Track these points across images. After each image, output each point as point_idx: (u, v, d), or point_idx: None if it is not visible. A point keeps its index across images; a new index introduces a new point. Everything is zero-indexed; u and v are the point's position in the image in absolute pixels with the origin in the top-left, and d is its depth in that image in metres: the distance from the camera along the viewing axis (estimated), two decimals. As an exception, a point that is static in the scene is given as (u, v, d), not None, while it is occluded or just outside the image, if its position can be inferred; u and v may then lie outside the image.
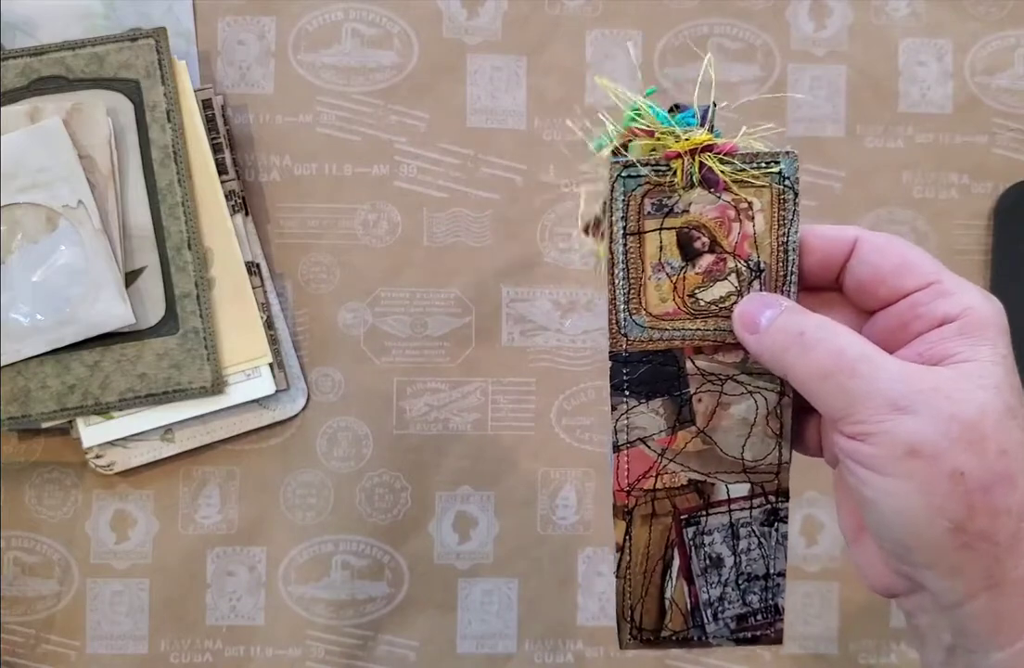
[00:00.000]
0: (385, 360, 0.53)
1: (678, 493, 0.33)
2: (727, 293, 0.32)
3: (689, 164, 0.30)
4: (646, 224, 0.31)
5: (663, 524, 0.33)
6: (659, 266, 0.31)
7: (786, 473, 0.33)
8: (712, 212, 0.31)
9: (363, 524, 0.52)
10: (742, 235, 0.31)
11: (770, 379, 0.32)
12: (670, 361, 0.32)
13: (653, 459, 0.33)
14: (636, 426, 0.32)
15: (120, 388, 0.50)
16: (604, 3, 0.54)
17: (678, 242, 0.31)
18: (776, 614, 0.34)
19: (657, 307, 0.32)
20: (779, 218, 0.31)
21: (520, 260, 0.53)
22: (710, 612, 0.34)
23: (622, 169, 0.31)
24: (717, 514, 0.33)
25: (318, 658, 0.52)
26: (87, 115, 0.50)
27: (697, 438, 0.33)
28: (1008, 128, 0.54)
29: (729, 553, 0.33)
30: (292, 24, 0.54)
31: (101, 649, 0.52)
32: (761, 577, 0.34)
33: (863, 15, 0.55)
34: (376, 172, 0.54)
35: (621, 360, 0.32)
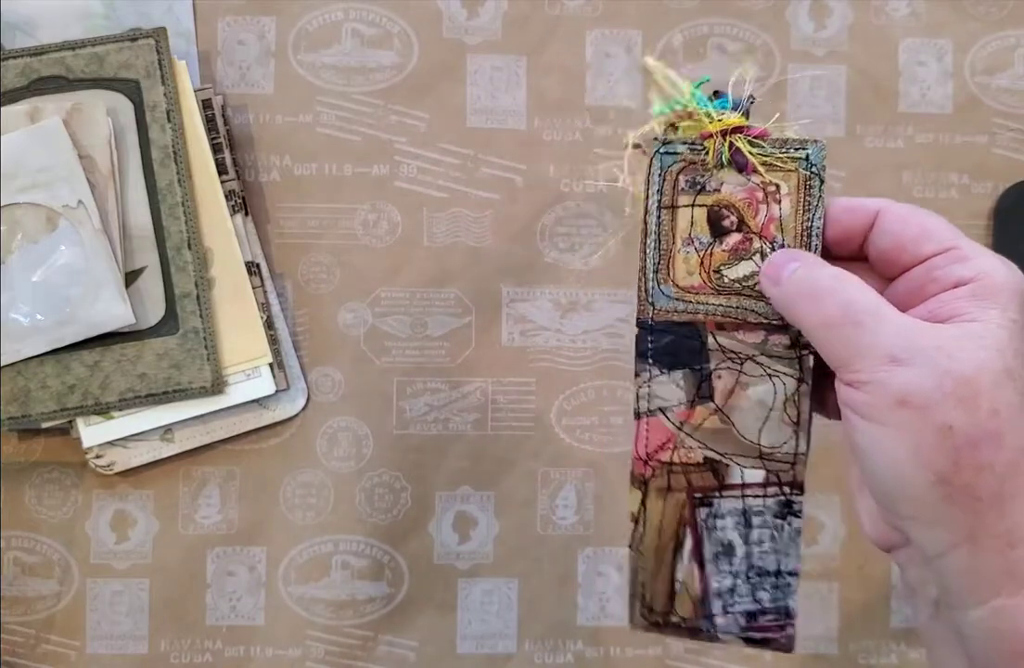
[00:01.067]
0: (385, 360, 0.53)
1: (693, 470, 0.34)
2: (751, 272, 0.33)
3: (720, 144, 0.32)
4: (679, 199, 0.33)
5: (677, 500, 0.34)
6: (688, 240, 0.33)
7: (803, 466, 0.34)
8: (741, 193, 0.33)
9: (363, 524, 0.52)
10: (768, 217, 0.33)
11: (789, 364, 0.33)
12: (693, 334, 0.33)
13: (671, 431, 0.34)
14: (657, 395, 0.34)
15: (120, 388, 0.50)
16: (604, 3, 0.54)
17: (708, 219, 0.33)
18: (787, 617, 0.34)
19: (684, 279, 0.33)
20: (804, 203, 0.33)
21: (520, 260, 0.53)
22: (720, 604, 0.34)
23: (661, 145, 0.33)
24: (730, 497, 0.34)
25: (318, 658, 0.52)
26: (87, 115, 0.50)
27: (715, 416, 0.33)
28: (1008, 128, 0.54)
29: (740, 542, 0.34)
30: (292, 24, 0.54)
31: (101, 649, 0.52)
32: (772, 573, 0.34)
33: (863, 15, 0.55)
34: (376, 172, 0.54)
35: (647, 328, 0.33)
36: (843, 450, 0.54)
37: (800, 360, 0.33)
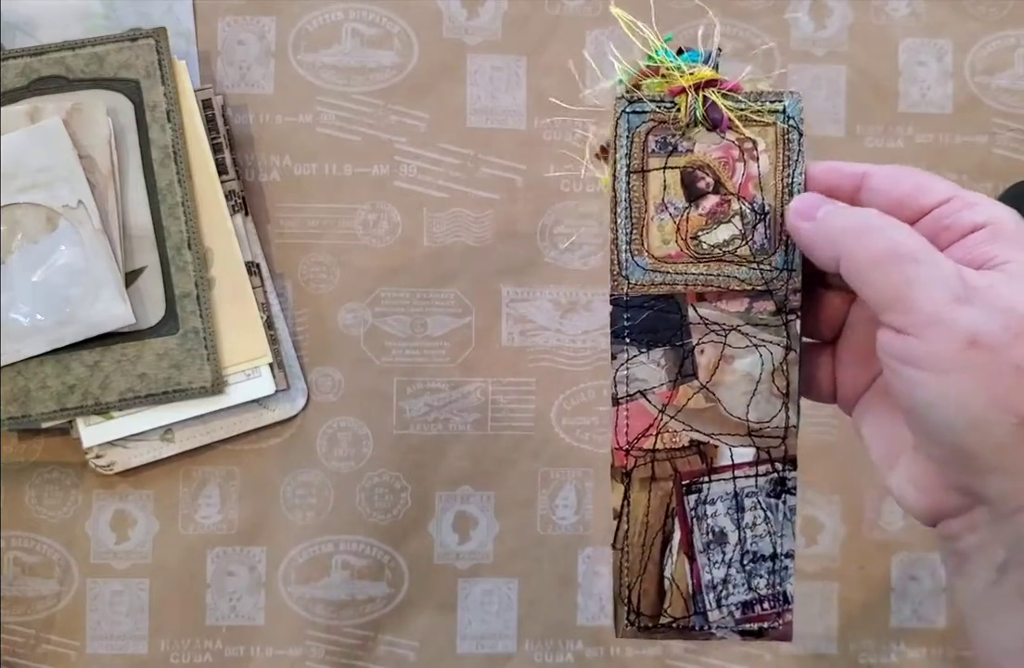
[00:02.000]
0: (385, 360, 0.53)
1: (679, 455, 0.32)
2: (731, 236, 0.31)
3: (693, 99, 0.30)
4: (650, 162, 0.31)
5: (663, 489, 0.32)
6: (662, 206, 0.31)
7: (794, 439, 0.32)
8: (716, 152, 0.31)
9: (363, 524, 0.52)
10: (746, 176, 0.31)
11: (776, 332, 0.31)
12: (672, 308, 0.31)
13: (654, 415, 0.32)
14: (636, 378, 0.31)
15: (120, 388, 0.50)
16: (604, 3, 0.54)
17: (682, 182, 0.31)
18: (785, 602, 0.32)
19: (659, 249, 0.31)
20: (784, 158, 0.31)
21: (520, 260, 0.53)
22: (713, 596, 0.32)
23: (627, 104, 0.31)
24: (720, 481, 0.32)
25: (318, 658, 0.52)
26: (87, 115, 0.50)
27: (700, 394, 0.31)
28: (1008, 128, 0.54)
29: (733, 528, 0.32)
30: (292, 24, 0.54)
31: (101, 649, 0.52)
32: (768, 557, 0.32)
33: (863, 15, 0.55)
34: (376, 172, 0.54)
35: (622, 304, 0.31)
36: (842, 450, 0.54)
37: (787, 326, 0.31)
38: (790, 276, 0.31)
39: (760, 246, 0.31)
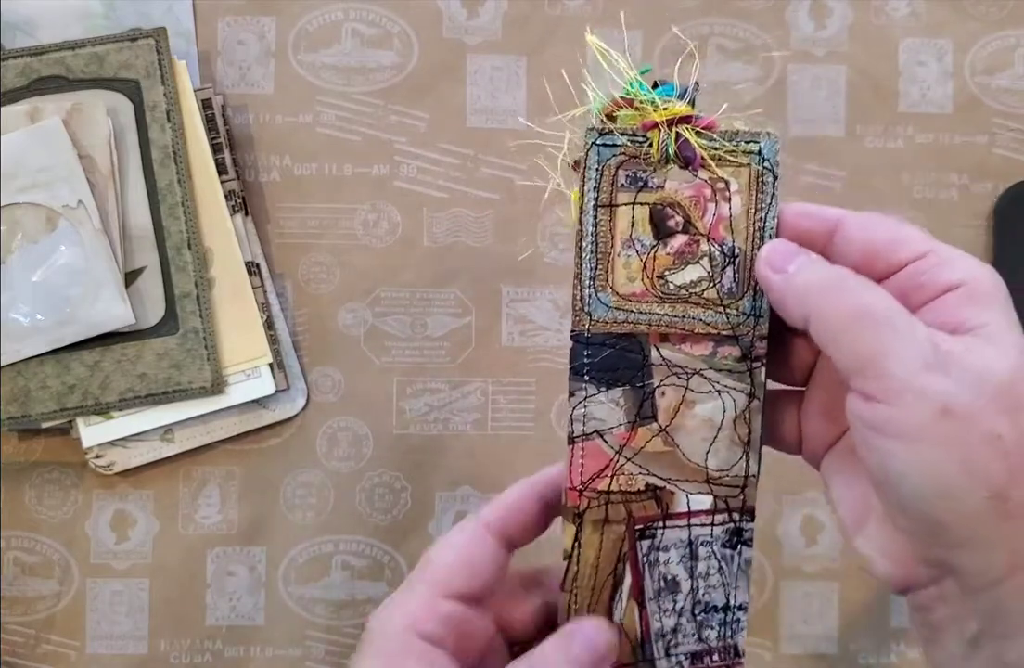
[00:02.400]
0: (385, 360, 0.53)
1: (634, 498, 0.31)
2: (698, 278, 0.30)
3: (666, 135, 0.29)
4: (619, 197, 0.30)
5: (616, 533, 0.31)
6: (629, 242, 0.30)
7: (753, 490, 0.31)
8: (688, 190, 0.30)
9: (363, 524, 0.52)
10: (717, 216, 0.30)
11: (740, 378, 0.30)
12: (634, 347, 0.30)
13: (610, 456, 0.31)
14: (594, 417, 0.31)
15: (120, 388, 0.50)
16: (604, 3, 0.54)
17: (651, 219, 0.30)
18: (735, 656, 0.32)
19: (624, 286, 0.30)
20: (757, 201, 0.30)
21: (520, 260, 0.53)
22: (661, 645, 0.31)
23: (598, 136, 0.30)
24: (675, 528, 0.31)
25: (318, 658, 0.52)
26: (87, 115, 0.50)
27: (658, 438, 0.31)
28: (1008, 128, 0.54)
29: (686, 576, 0.31)
30: (292, 24, 0.54)
31: (101, 649, 0.52)
32: (720, 609, 0.31)
33: (863, 15, 0.55)
34: (376, 172, 0.54)
35: (583, 341, 0.30)
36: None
37: (751, 373, 0.30)
38: (757, 322, 0.30)
39: (728, 290, 0.30)
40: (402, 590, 0.31)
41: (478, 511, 0.32)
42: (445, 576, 0.30)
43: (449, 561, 0.30)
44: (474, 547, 0.31)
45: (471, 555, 0.30)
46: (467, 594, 0.30)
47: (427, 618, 0.29)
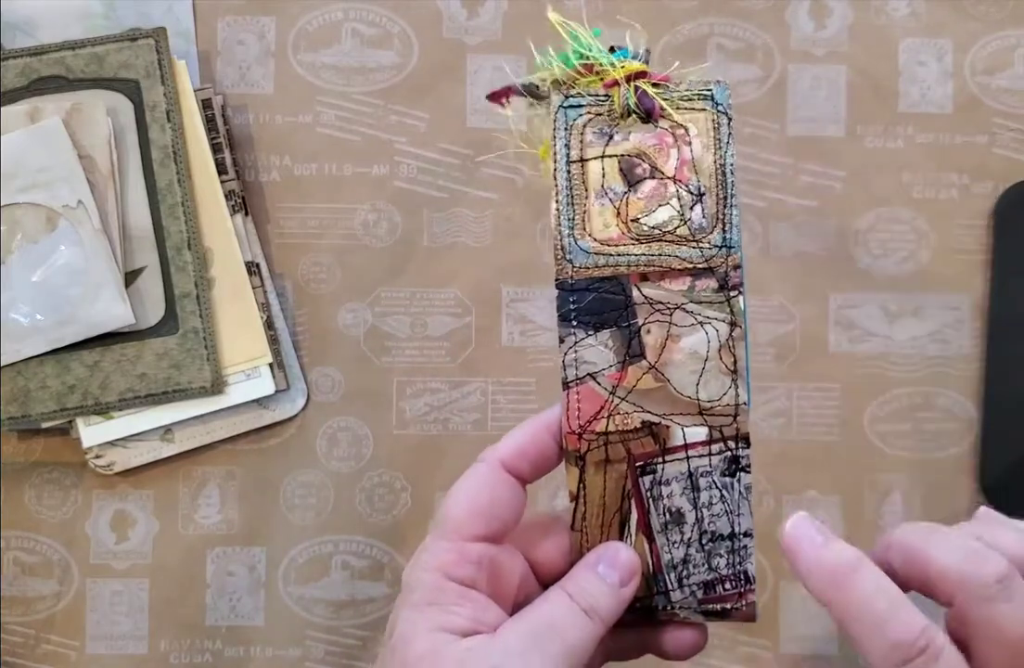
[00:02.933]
0: (385, 360, 0.53)
1: (632, 437, 0.32)
2: (669, 217, 0.32)
3: (625, 90, 0.32)
4: (588, 152, 0.32)
5: (618, 472, 0.32)
6: (602, 192, 0.32)
7: (745, 416, 0.32)
8: (651, 139, 0.32)
9: (363, 524, 0.52)
10: (681, 160, 0.32)
11: (719, 308, 0.32)
12: (617, 289, 0.32)
13: (604, 397, 0.32)
14: (585, 360, 0.32)
15: (120, 388, 0.50)
16: (604, 3, 0.54)
17: (619, 169, 0.32)
18: (746, 583, 0.32)
19: (601, 232, 0.32)
20: (715, 142, 0.32)
21: (520, 260, 0.53)
22: (673, 576, 0.32)
23: (564, 99, 0.32)
24: (674, 461, 0.32)
25: (318, 658, 0.52)
26: (87, 115, 0.50)
27: (648, 374, 0.32)
28: (1008, 128, 0.54)
29: (690, 507, 0.32)
30: (292, 24, 0.54)
31: (101, 649, 0.52)
32: (726, 536, 0.32)
33: (863, 15, 0.55)
34: (376, 172, 0.54)
35: (568, 288, 0.32)
36: (842, 450, 0.54)
37: (730, 302, 0.32)
38: (729, 253, 0.32)
39: (698, 225, 0.32)
40: (428, 540, 0.31)
41: (485, 453, 0.32)
42: (466, 521, 0.31)
43: (467, 507, 0.31)
44: (489, 489, 0.31)
45: (488, 497, 0.31)
46: (490, 535, 0.31)
47: (456, 562, 0.30)
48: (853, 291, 0.54)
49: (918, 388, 0.53)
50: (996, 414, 0.52)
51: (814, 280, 0.53)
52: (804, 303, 0.53)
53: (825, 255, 0.54)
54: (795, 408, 0.53)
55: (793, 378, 0.53)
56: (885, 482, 0.53)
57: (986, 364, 0.53)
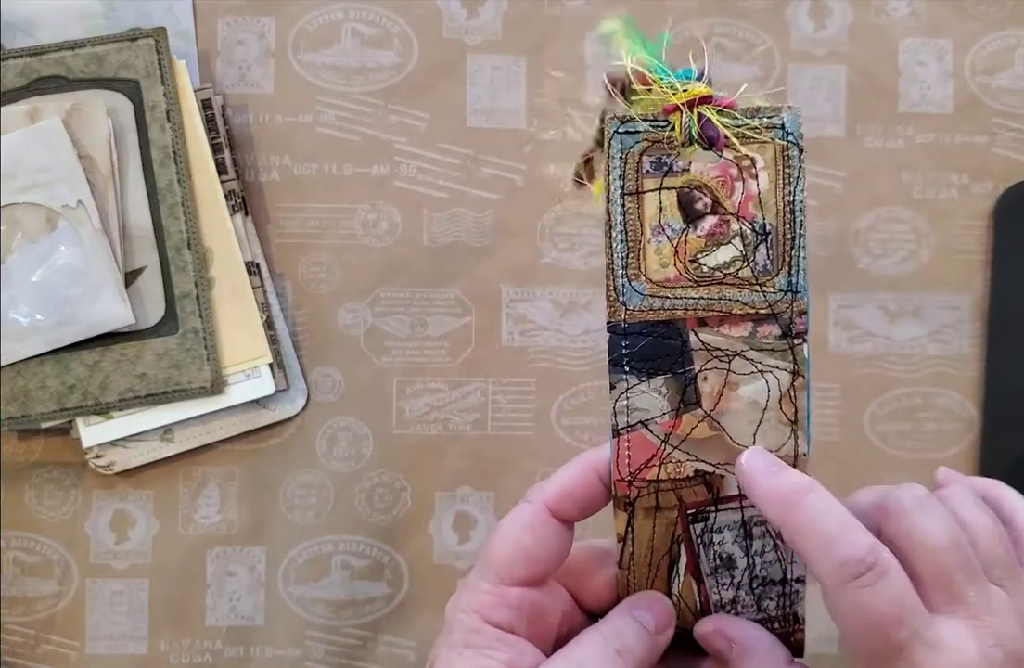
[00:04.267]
0: (385, 360, 0.53)
1: (684, 485, 0.31)
2: (731, 258, 0.30)
3: (688, 117, 0.29)
4: (645, 183, 0.30)
5: (668, 518, 0.31)
6: (659, 228, 0.30)
7: (803, 466, 0.31)
8: (713, 171, 0.30)
9: (363, 524, 0.52)
10: (746, 195, 0.30)
11: (782, 357, 0.30)
12: (672, 334, 0.30)
13: (656, 446, 0.30)
14: (637, 407, 0.30)
15: (120, 388, 0.50)
16: (604, 3, 0.54)
17: (679, 203, 0.30)
18: (796, 623, 0.32)
19: (657, 273, 0.30)
20: (784, 176, 0.30)
21: (520, 260, 0.53)
22: (722, 614, 0.32)
23: (619, 124, 0.30)
24: (728, 510, 0.31)
25: (318, 658, 0.52)
26: (87, 115, 0.50)
27: (704, 423, 0.30)
28: (1008, 128, 0.54)
29: (742, 554, 0.31)
30: (292, 24, 0.54)
31: (101, 649, 0.51)
32: (778, 582, 0.32)
33: (863, 15, 0.55)
34: (376, 172, 0.54)
35: (620, 331, 0.30)
36: (843, 450, 0.54)
37: (793, 350, 0.30)
38: (795, 298, 0.30)
39: (762, 267, 0.30)
40: (472, 577, 0.31)
41: (532, 493, 0.32)
42: (508, 564, 0.31)
43: (510, 550, 0.31)
44: (533, 532, 0.31)
45: (532, 541, 0.31)
46: (532, 579, 0.31)
47: (495, 605, 0.30)
48: (853, 291, 0.54)
49: (918, 388, 0.53)
50: (996, 414, 0.52)
51: (814, 280, 0.53)
52: (804, 303, 0.53)
53: (825, 255, 0.54)
54: (795, 408, 0.53)
55: (793, 378, 0.53)
56: (885, 482, 0.53)
57: (986, 364, 0.53)
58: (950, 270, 0.54)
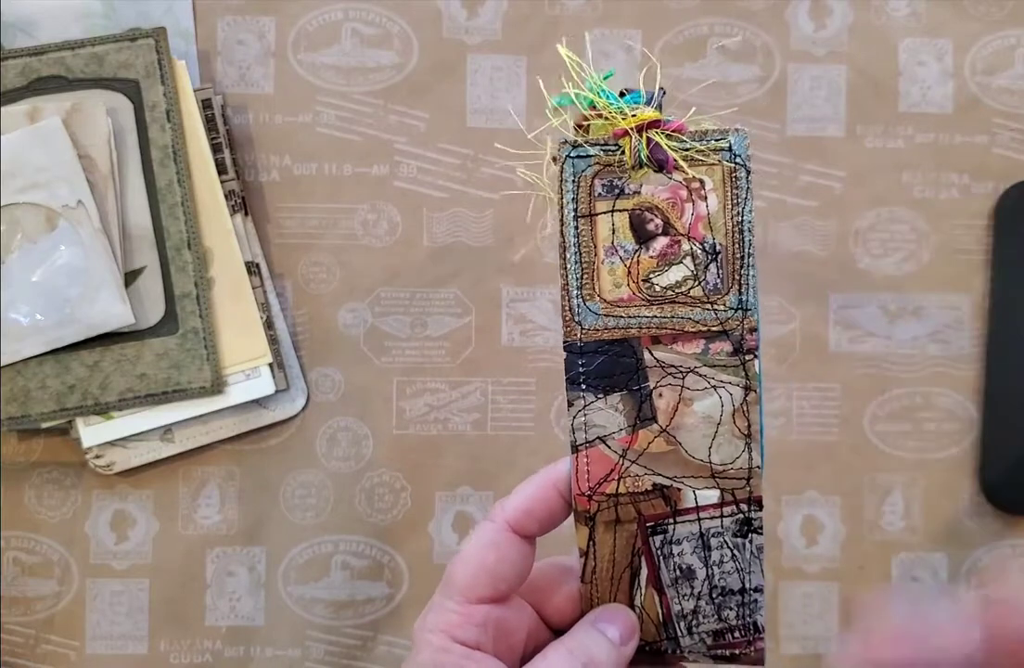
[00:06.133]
0: (385, 360, 0.53)
1: (643, 498, 0.32)
2: (683, 277, 0.31)
3: (637, 141, 0.30)
4: (597, 206, 0.31)
5: (628, 531, 0.32)
6: (612, 249, 0.31)
7: (758, 480, 0.32)
8: (664, 193, 0.30)
9: (363, 524, 0.52)
10: (696, 216, 0.30)
11: (734, 372, 0.31)
12: (627, 352, 0.31)
13: (614, 461, 0.31)
14: (595, 424, 0.31)
15: (120, 388, 0.50)
16: (604, 3, 0.54)
17: (631, 224, 0.31)
18: (756, 632, 0.32)
19: (611, 293, 0.31)
20: (732, 197, 0.30)
21: (520, 260, 0.53)
22: (683, 625, 0.32)
23: (571, 149, 0.31)
24: (686, 522, 0.32)
25: (318, 658, 0.52)
26: (87, 115, 0.50)
27: (660, 438, 0.31)
28: (1008, 128, 0.54)
29: (701, 565, 0.32)
30: (292, 24, 0.54)
31: (101, 649, 0.52)
32: (737, 592, 0.32)
33: (863, 15, 0.55)
34: (376, 172, 0.54)
35: (576, 351, 0.31)
36: (842, 450, 0.54)
37: (745, 366, 0.31)
38: (745, 315, 0.31)
39: (713, 286, 0.31)
40: (436, 598, 0.32)
41: (493, 512, 0.32)
42: (472, 583, 0.31)
43: (473, 569, 0.31)
44: (496, 550, 0.31)
45: (494, 559, 0.31)
46: (496, 596, 0.31)
47: (461, 624, 0.31)
48: (853, 291, 0.54)
49: (918, 388, 0.53)
50: (996, 414, 0.52)
51: (814, 280, 0.53)
52: (804, 303, 0.53)
53: (825, 255, 0.54)
54: (795, 408, 0.53)
55: (793, 378, 0.53)
56: (885, 482, 0.53)
57: (986, 364, 0.53)
58: (950, 270, 0.54)
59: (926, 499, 0.53)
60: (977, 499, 0.53)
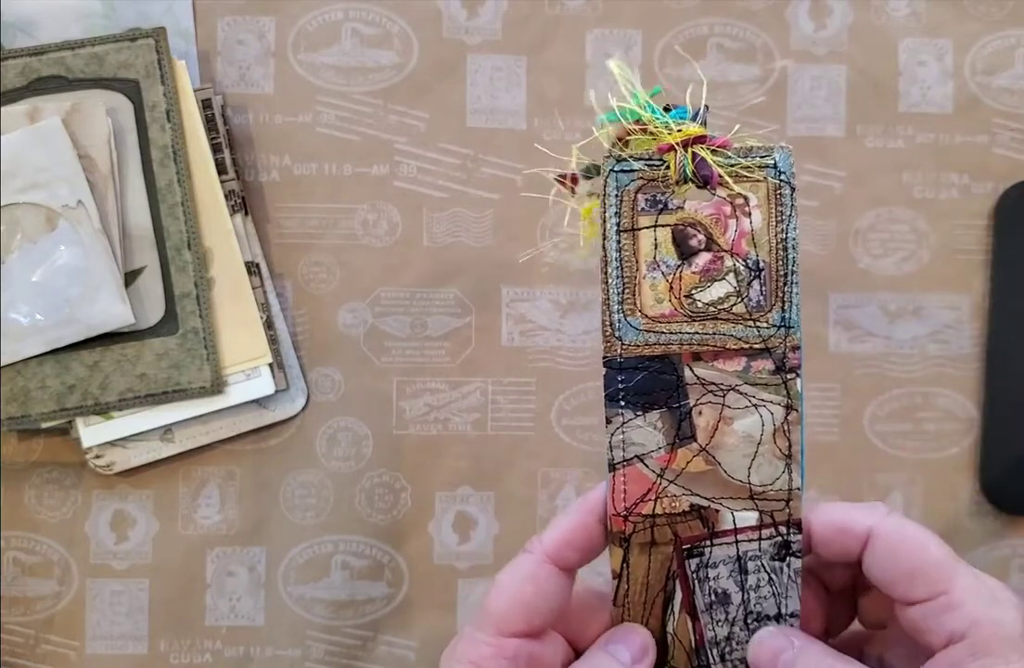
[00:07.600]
0: (385, 360, 0.53)
1: (679, 520, 0.31)
2: (725, 294, 0.30)
3: (682, 156, 0.30)
4: (640, 221, 0.30)
5: (663, 553, 0.31)
6: (654, 264, 0.30)
7: (798, 501, 0.31)
8: (707, 208, 0.30)
9: (363, 524, 0.52)
10: (739, 232, 0.30)
11: (775, 391, 0.30)
12: (668, 369, 0.31)
13: (651, 480, 0.31)
14: (632, 442, 0.31)
15: (120, 388, 0.50)
16: (604, 3, 0.54)
17: (673, 240, 0.30)
18: None
19: (653, 308, 0.30)
20: (777, 213, 0.30)
21: (520, 260, 0.53)
22: (716, 652, 0.32)
23: (615, 163, 0.30)
24: (723, 545, 0.31)
25: (318, 658, 0.52)
26: (87, 115, 0.50)
27: (699, 457, 0.31)
28: (1008, 128, 0.54)
29: (736, 589, 0.31)
30: (292, 24, 0.54)
31: (101, 649, 0.51)
32: (772, 617, 0.32)
33: (863, 15, 0.55)
34: (376, 172, 0.54)
35: (616, 366, 0.31)
36: (842, 450, 0.54)
37: (787, 385, 0.30)
38: (788, 333, 0.30)
39: (756, 303, 0.30)
40: (467, 628, 0.31)
41: (530, 543, 0.32)
42: (507, 616, 0.30)
43: (509, 601, 0.30)
44: (534, 583, 0.31)
45: (532, 592, 0.31)
46: (531, 631, 0.31)
47: (492, 657, 0.30)
48: (853, 291, 0.54)
49: (918, 388, 0.53)
50: (996, 414, 0.52)
51: (814, 280, 0.53)
52: (804, 303, 0.53)
53: (825, 255, 0.54)
54: (795, 408, 0.53)
55: (793, 378, 0.53)
56: (885, 482, 0.53)
57: (986, 364, 0.53)
58: (950, 270, 0.54)
59: (926, 499, 0.53)
60: (977, 499, 0.53)
